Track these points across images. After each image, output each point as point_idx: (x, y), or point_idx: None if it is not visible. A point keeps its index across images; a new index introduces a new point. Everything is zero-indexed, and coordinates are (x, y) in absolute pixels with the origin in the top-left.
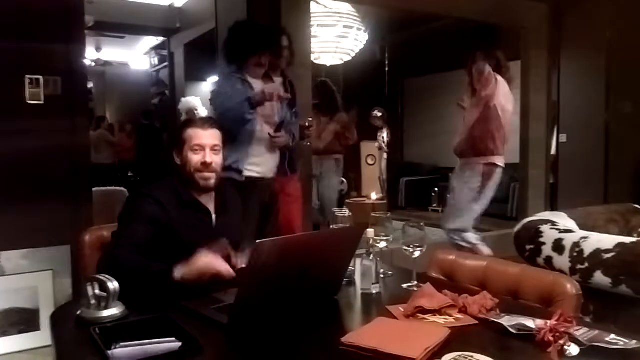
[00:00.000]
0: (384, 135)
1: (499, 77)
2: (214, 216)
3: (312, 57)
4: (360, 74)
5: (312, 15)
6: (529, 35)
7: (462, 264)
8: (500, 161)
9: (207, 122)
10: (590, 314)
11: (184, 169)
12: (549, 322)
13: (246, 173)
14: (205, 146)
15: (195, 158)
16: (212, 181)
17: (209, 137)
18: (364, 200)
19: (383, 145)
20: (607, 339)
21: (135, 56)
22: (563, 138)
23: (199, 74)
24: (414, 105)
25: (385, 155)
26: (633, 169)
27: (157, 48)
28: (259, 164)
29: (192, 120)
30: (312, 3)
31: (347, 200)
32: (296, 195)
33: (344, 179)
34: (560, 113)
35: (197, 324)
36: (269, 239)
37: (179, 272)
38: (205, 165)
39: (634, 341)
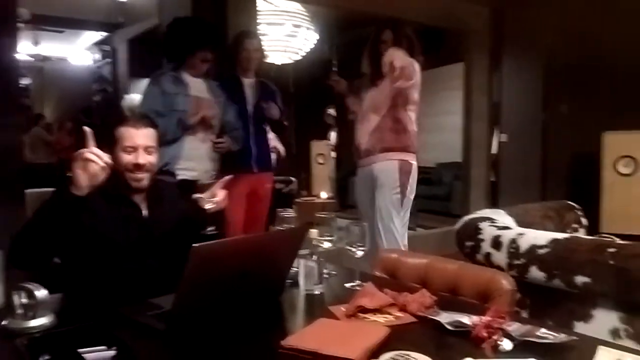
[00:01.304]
0: (334, 134)
1: (417, 66)
2: (144, 211)
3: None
4: (310, 73)
5: (260, 13)
6: (472, 39)
7: (404, 262)
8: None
9: (141, 121)
10: (527, 308)
11: (114, 168)
12: (483, 318)
13: (180, 176)
14: (138, 147)
15: (126, 158)
16: (145, 182)
17: (142, 137)
18: (314, 200)
19: (332, 143)
20: (537, 334)
21: (76, 51)
22: (504, 138)
23: (143, 71)
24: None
25: (333, 154)
26: (568, 168)
27: (99, 43)
28: (194, 167)
29: (125, 118)
30: (259, 1)
31: (297, 200)
32: (262, 194)
33: (293, 179)
34: (501, 113)
35: (133, 332)
36: (206, 243)
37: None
38: (138, 167)
39: (563, 335)
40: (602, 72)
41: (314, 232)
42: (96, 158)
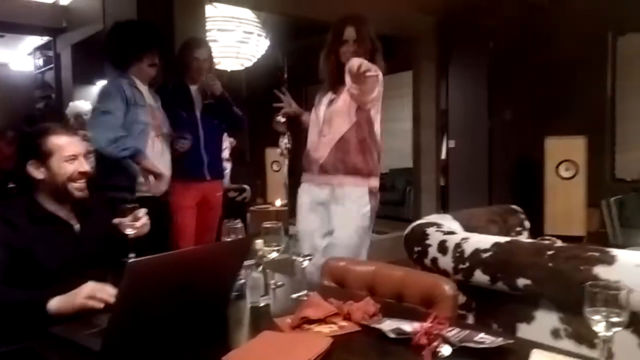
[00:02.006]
0: (286, 141)
1: (380, 76)
2: (76, 227)
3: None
4: (263, 80)
5: (210, 19)
6: (420, 47)
7: (352, 270)
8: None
9: (71, 127)
10: (473, 311)
11: (51, 182)
12: (423, 325)
13: (140, 193)
14: (79, 154)
15: (70, 168)
16: (86, 190)
17: (80, 143)
18: (268, 207)
19: (284, 151)
20: (475, 339)
21: (18, 57)
22: (452, 144)
23: (88, 77)
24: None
25: (286, 161)
26: (513, 172)
27: (41, 48)
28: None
29: (51, 127)
30: (209, 7)
31: (251, 208)
32: (214, 203)
33: (246, 186)
34: (449, 120)
35: (68, 352)
36: (144, 258)
37: (55, 304)
38: (83, 174)
39: (500, 339)
40: (544, 80)
41: (259, 243)
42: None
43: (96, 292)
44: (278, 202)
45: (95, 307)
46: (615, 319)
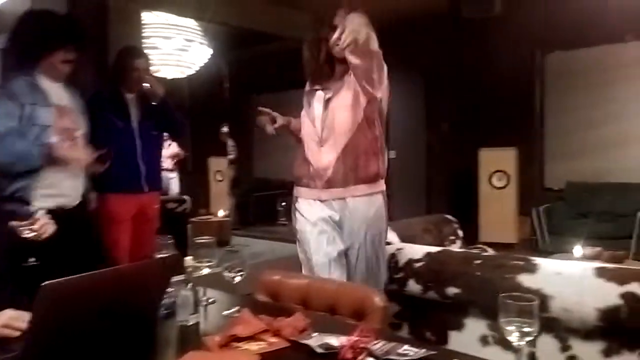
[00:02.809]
0: (231, 151)
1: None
2: None
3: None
4: (207, 89)
5: (149, 26)
6: None
7: (286, 284)
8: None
9: None
10: (407, 320)
11: None
12: (350, 338)
13: (39, 203)
14: None
15: None
16: None
17: None
18: (210, 218)
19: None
20: (399, 351)
21: None
22: (392, 154)
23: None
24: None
25: (231, 171)
26: (450, 182)
27: None
28: (57, 193)
29: None
30: (149, 14)
31: (192, 219)
32: (151, 215)
33: (186, 197)
34: (388, 131)
35: None
36: (58, 280)
37: None
38: None
39: (423, 350)
40: (478, 94)
41: (188, 260)
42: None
43: (13, 321)
44: (221, 213)
45: (10, 336)
46: (527, 329)
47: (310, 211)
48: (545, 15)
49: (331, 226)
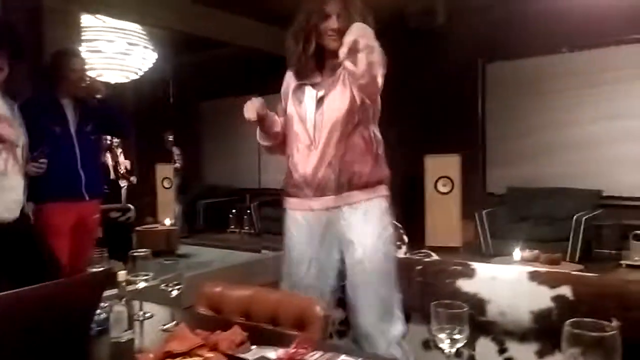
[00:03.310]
0: (177, 157)
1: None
2: None
3: (94, 74)
4: (153, 95)
5: (90, 29)
6: None
7: (228, 296)
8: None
9: None
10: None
11: None
12: (287, 350)
13: None
14: None
15: None
16: None
17: None
18: (157, 227)
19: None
20: None
21: None
22: None
23: None
24: (212, 127)
25: (178, 179)
26: (398, 188)
27: None
28: None
29: None
30: (91, 17)
31: (137, 228)
32: (91, 225)
33: (131, 206)
34: None
35: None
36: None
37: None
38: None
39: (360, 359)
40: (423, 101)
41: (121, 274)
42: None
43: None
44: (167, 221)
45: None
46: (457, 336)
47: (300, 225)
48: (486, 27)
49: (322, 239)
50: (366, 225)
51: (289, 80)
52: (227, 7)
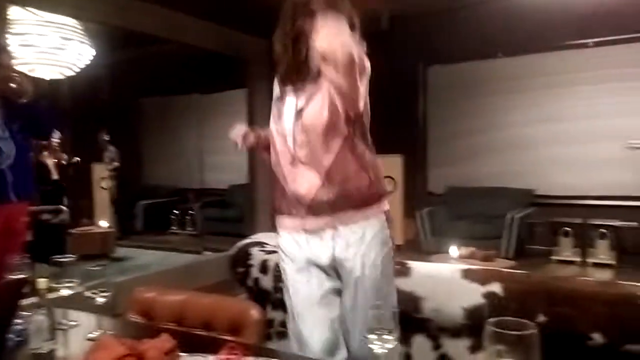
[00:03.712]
0: (113, 156)
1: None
2: None
3: (26, 69)
4: (90, 92)
5: (21, 22)
6: (253, 67)
7: (161, 301)
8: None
9: None
10: None
11: None
12: (218, 357)
13: None
14: None
15: None
16: None
17: None
18: (92, 230)
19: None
20: None
21: None
22: None
23: None
24: (152, 126)
25: (115, 178)
26: None
27: None
28: None
29: None
30: (20, 10)
31: (71, 231)
32: (18, 228)
33: (64, 207)
34: None
35: None
36: None
37: None
38: None
39: None
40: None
41: (41, 282)
42: None
43: None
44: (103, 224)
45: None
46: (387, 337)
47: (293, 246)
48: (427, 32)
49: (316, 264)
50: (361, 247)
51: (275, 88)
52: (168, 3)
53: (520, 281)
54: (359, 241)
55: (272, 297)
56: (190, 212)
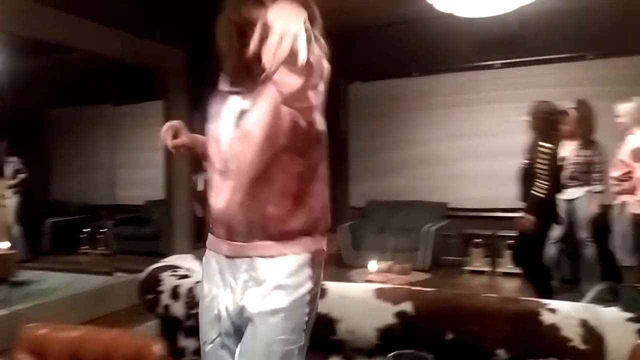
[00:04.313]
0: (18, 167)
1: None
2: None
3: None
4: None
5: None
6: (169, 78)
7: (54, 338)
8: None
9: None
10: None
11: None
12: None
13: None
14: None
15: None
16: None
17: None
18: None
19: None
20: None
21: None
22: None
23: None
24: (62, 138)
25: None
26: None
27: None
28: None
29: None
30: None
31: None
32: None
33: None
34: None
35: None
36: None
37: None
38: None
39: None
40: None
41: None
42: None
43: None
44: (3, 244)
45: None
46: None
47: (208, 270)
48: (347, 50)
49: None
50: (270, 287)
51: (221, 84)
52: (76, 10)
53: (430, 299)
54: (268, 278)
55: (184, 325)
56: (103, 230)
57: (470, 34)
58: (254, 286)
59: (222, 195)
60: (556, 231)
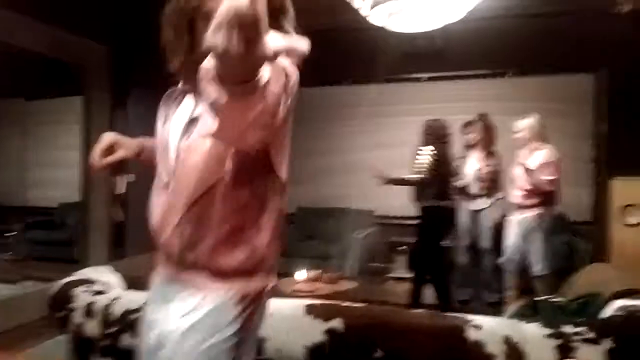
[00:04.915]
0: None
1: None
2: None
3: None
4: None
5: None
6: (90, 74)
7: None
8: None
9: None
10: None
11: None
12: None
13: None
14: None
15: None
16: None
17: None
18: None
19: None
20: None
21: None
22: (132, 177)
23: None
24: None
25: None
26: None
27: None
28: None
29: None
30: None
31: None
32: None
33: None
34: None
35: None
36: None
37: None
38: None
39: None
40: None
41: None
42: None
43: None
44: None
45: None
46: None
47: (153, 288)
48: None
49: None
50: (186, 326)
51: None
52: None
53: (360, 315)
54: (189, 315)
55: (99, 345)
56: (11, 234)
57: (399, 47)
58: (177, 317)
59: (160, 210)
60: (462, 240)
